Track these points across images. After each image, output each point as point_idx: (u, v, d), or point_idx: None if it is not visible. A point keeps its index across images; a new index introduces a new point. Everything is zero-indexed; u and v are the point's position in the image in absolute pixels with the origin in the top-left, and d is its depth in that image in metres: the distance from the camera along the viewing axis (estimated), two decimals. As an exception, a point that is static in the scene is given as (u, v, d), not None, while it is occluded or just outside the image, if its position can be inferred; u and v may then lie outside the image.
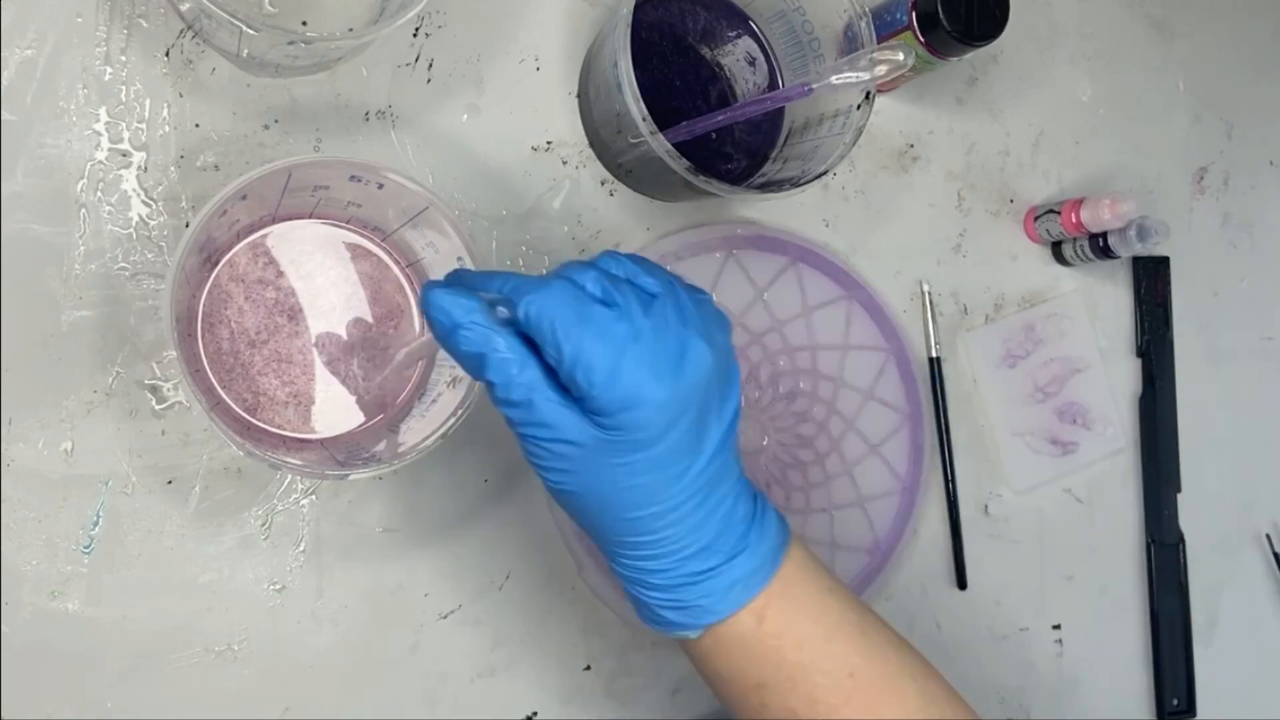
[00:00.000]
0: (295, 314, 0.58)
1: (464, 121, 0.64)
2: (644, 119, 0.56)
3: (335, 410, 0.58)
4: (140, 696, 0.57)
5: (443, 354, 0.59)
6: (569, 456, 0.46)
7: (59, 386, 0.56)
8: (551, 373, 0.46)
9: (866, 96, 0.61)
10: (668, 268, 0.67)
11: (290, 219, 0.58)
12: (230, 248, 0.57)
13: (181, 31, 0.58)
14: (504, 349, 0.45)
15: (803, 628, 0.51)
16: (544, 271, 0.65)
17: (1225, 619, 0.82)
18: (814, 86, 0.57)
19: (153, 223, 0.58)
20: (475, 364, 0.46)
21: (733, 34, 0.67)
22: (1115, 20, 0.81)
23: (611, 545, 0.50)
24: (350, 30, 0.60)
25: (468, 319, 0.45)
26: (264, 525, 0.59)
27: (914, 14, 0.65)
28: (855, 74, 0.55)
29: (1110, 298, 0.80)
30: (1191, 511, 0.80)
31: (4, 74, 0.56)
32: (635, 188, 0.67)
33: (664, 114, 0.59)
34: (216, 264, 0.57)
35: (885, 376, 0.73)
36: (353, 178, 0.54)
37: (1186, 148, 0.83)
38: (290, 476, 0.60)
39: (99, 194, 0.57)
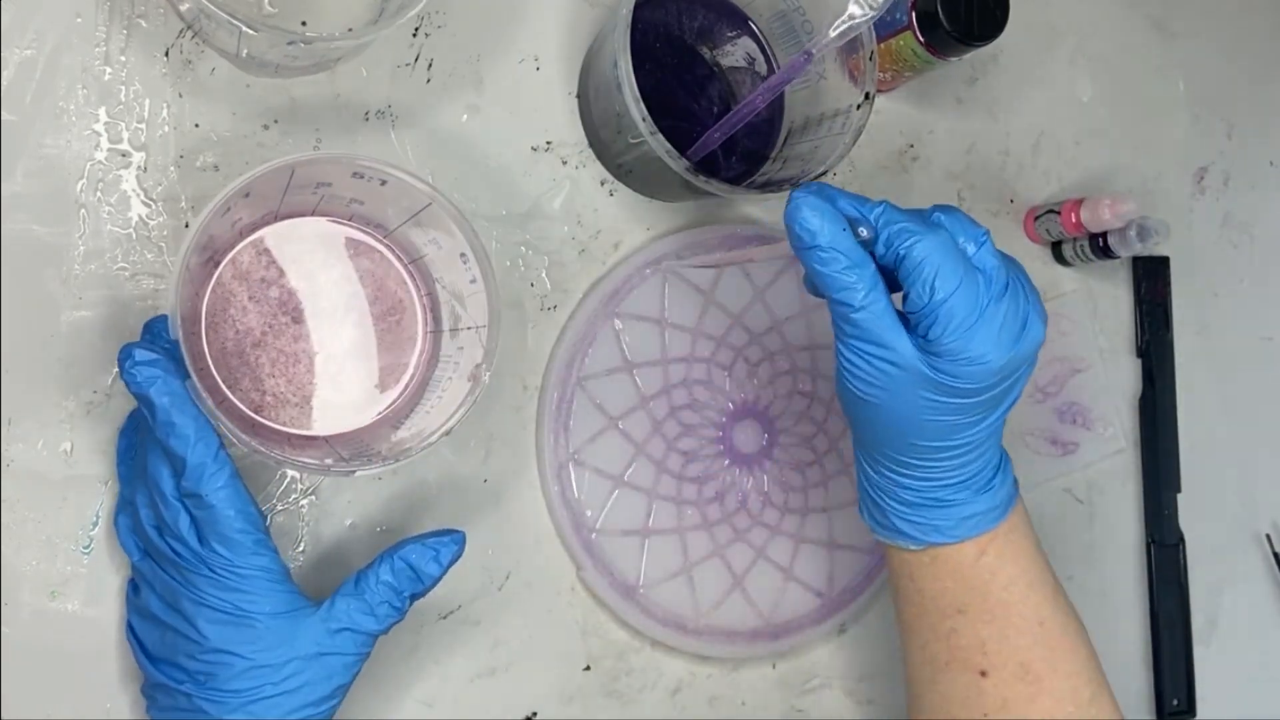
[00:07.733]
0: (299, 312, 0.58)
1: (464, 121, 0.64)
2: (644, 119, 0.57)
3: (339, 408, 0.58)
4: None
5: (448, 352, 0.59)
6: (888, 375, 0.51)
7: (59, 387, 0.56)
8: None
9: (866, 96, 0.61)
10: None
11: (292, 217, 0.58)
12: (232, 246, 0.57)
13: (181, 31, 0.58)
14: (856, 280, 0.50)
15: (1012, 571, 0.57)
16: (542, 275, 0.65)
17: (1225, 619, 0.82)
18: (812, 50, 0.58)
19: (152, 223, 0.58)
20: (822, 281, 0.51)
21: (732, 34, 0.67)
22: (1115, 20, 0.81)
23: (881, 456, 0.55)
24: (350, 30, 0.60)
25: (830, 243, 0.50)
26: (264, 525, 0.59)
27: (914, 14, 0.65)
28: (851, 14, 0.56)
29: (1110, 298, 0.80)
30: (1191, 511, 0.80)
31: (4, 74, 0.55)
32: (635, 188, 0.67)
33: (664, 114, 0.59)
34: (218, 263, 0.57)
35: (885, 376, 0.73)
36: (355, 174, 0.54)
37: (1186, 148, 0.83)
38: (289, 477, 0.60)
39: (98, 194, 0.57)
